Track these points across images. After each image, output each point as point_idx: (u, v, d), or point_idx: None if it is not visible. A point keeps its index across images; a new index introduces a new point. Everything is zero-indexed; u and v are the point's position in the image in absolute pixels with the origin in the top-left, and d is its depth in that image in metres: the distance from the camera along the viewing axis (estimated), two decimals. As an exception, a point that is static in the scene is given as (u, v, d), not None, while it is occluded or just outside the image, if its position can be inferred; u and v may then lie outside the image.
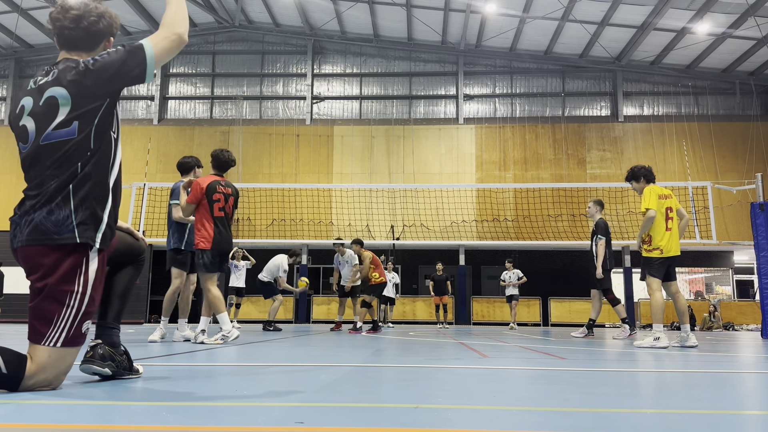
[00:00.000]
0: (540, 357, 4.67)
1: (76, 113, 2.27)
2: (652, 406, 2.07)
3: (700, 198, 13.95)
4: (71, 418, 1.73)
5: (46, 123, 2.30)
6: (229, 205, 5.78)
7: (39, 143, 2.35)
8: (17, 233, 2.31)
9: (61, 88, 2.28)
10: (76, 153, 2.28)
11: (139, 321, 19.04)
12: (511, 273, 14.44)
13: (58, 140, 2.29)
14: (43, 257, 2.22)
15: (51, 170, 2.31)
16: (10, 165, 20.91)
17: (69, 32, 2.41)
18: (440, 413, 1.88)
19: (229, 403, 2.02)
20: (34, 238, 2.23)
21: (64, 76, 2.30)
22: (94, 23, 2.41)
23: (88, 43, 2.44)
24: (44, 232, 2.22)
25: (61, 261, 2.21)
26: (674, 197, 6.60)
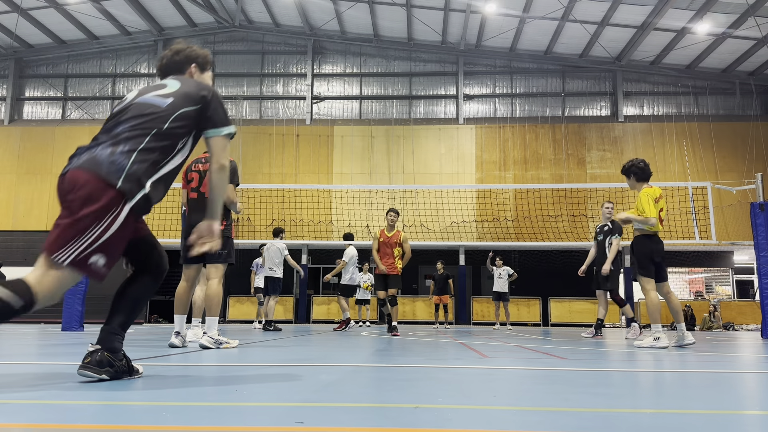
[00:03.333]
0: (540, 357, 4.67)
1: (175, 95, 2.67)
2: (652, 406, 2.07)
3: (700, 198, 13.96)
4: (71, 418, 1.73)
5: (149, 91, 2.71)
6: (205, 183, 5.11)
7: (133, 102, 2.66)
8: (73, 161, 2.54)
9: (177, 82, 2.76)
10: (155, 121, 2.56)
11: (139, 321, 19.03)
12: (500, 270, 14.32)
13: (148, 102, 2.62)
14: (85, 184, 2.44)
15: (128, 125, 2.55)
16: (10, 165, 20.91)
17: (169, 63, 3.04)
18: (440, 413, 1.88)
19: (229, 403, 2.02)
20: (87, 166, 2.46)
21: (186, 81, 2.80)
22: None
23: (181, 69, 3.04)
24: (99, 164, 2.44)
25: (99, 195, 2.41)
26: (664, 197, 6.53)
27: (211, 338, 5.06)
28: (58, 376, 2.85)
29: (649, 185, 6.51)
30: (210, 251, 2.71)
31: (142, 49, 22.27)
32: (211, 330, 5.12)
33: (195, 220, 5.22)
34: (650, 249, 6.27)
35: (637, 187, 6.56)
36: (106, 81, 22.23)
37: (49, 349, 5.21)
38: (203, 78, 3.06)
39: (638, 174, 6.51)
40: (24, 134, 21.29)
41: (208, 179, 2.74)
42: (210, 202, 2.72)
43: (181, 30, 21.92)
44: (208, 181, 2.74)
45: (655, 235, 6.36)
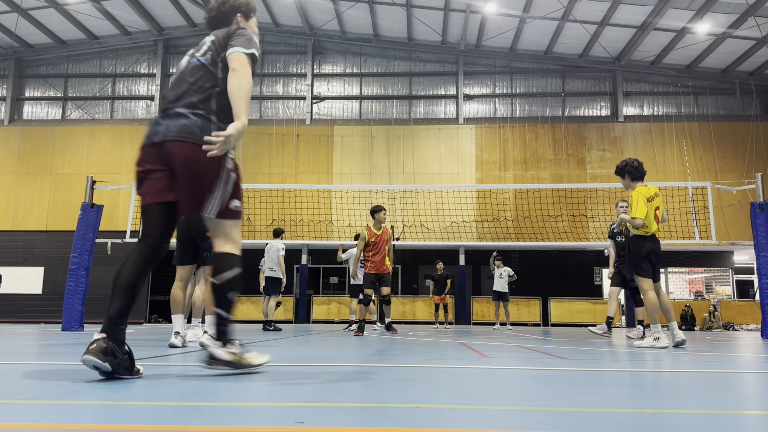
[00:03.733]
0: (540, 357, 4.67)
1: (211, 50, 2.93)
2: (652, 406, 2.07)
3: (700, 198, 13.96)
4: (71, 418, 1.73)
5: (195, 53, 2.99)
6: None
7: (186, 67, 2.95)
8: (160, 131, 2.73)
9: (211, 35, 3.00)
10: (209, 77, 2.86)
11: (139, 321, 19.04)
12: (501, 270, 14.30)
13: (197, 64, 2.91)
14: (190, 153, 2.68)
15: (191, 89, 2.84)
16: (10, 165, 20.91)
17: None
18: (440, 413, 1.88)
19: (229, 403, 2.02)
20: (184, 136, 2.69)
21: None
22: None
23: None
24: (192, 132, 2.70)
25: (211, 162, 2.69)
26: (660, 195, 6.48)
27: (212, 337, 5.08)
28: (58, 376, 2.85)
29: (644, 184, 6.49)
30: (219, 152, 2.65)
31: (142, 49, 22.27)
32: (212, 329, 5.13)
33: (186, 224, 5.26)
34: (647, 249, 6.25)
35: (632, 187, 6.53)
36: (106, 81, 22.23)
37: (49, 349, 5.21)
38: (248, 25, 3.19)
39: (632, 173, 6.50)
40: (24, 134, 21.29)
41: (229, 81, 2.79)
42: (232, 100, 2.76)
43: (181, 30, 21.92)
44: (229, 84, 2.79)
45: (652, 235, 6.34)
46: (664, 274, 21.99)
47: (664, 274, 22.04)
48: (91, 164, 20.41)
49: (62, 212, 19.94)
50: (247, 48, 2.84)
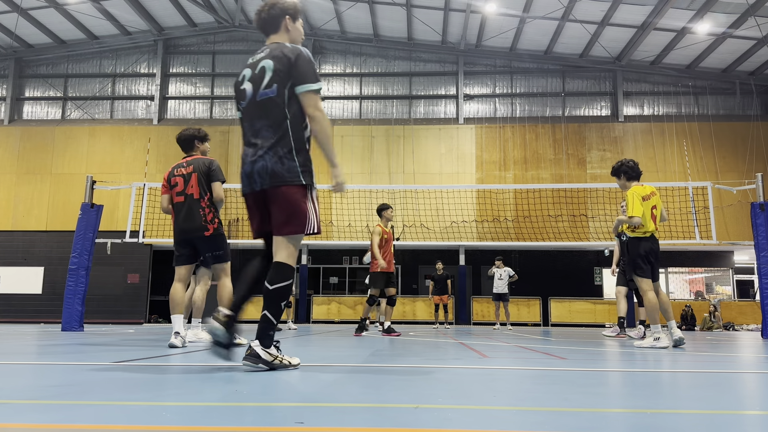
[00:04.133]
0: (540, 357, 4.67)
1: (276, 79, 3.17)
2: (652, 406, 2.07)
3: (700, 198, 13.95)
4: (71, 418, 1.73)
5: (258, 82, 3.22)
6: (191, 185, 5.30)
7: (253, 100, 3.24)
8: (255, 179, 3.18)
9: (270, 61, 3.21)
10: (281, 113, 3.16)
11: (138, 321, 19.05)
12: (501, 271, 14.31)
13: (265, 99, 3.18)
14: (284, 194, 3.15)
15: (266, 126, 3.19)
16: (10, 165, 20.91)
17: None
18: (440, 413, 1.88)
19: (229, 403, 2.02)
20: (278, 182, 3.14)
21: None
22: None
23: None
24: (281, 176, 3.13)
25: (296, 195, 3.17)
26: (658, 194, 6.50)
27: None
28: (58, 376, 2.85)
29: (639, 184, 6.52)
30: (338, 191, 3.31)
31: (142, 49, 22.27)
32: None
33: (184, 225, 5.29)
34: (645, 249, 6.26)
35: (627, 187, 6.55)
36: (106, 81, 22.23)
37: (49, 349, 5.21)
38: (295, 27, 3.43)
39: (628, 173, 6.54)
40: (24, 134, 21.29)
41: (313, 130, 3.21)
42: (322, 149, 3.24)
43: (181, 30, 21.92)
44: (313, 132, 3.21)
45: (651, 235, 6.33)
46: (664, 274, 21.99)
47: (665, 274, 22.03)
48: (90, 164, 20.41)
49: (62, 212, 19.94)
50: (315, 81, 3.17)
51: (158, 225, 14.86)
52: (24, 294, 19.69)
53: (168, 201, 5.47)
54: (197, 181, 5.33)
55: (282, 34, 3.38)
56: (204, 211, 5.32)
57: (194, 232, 5.29)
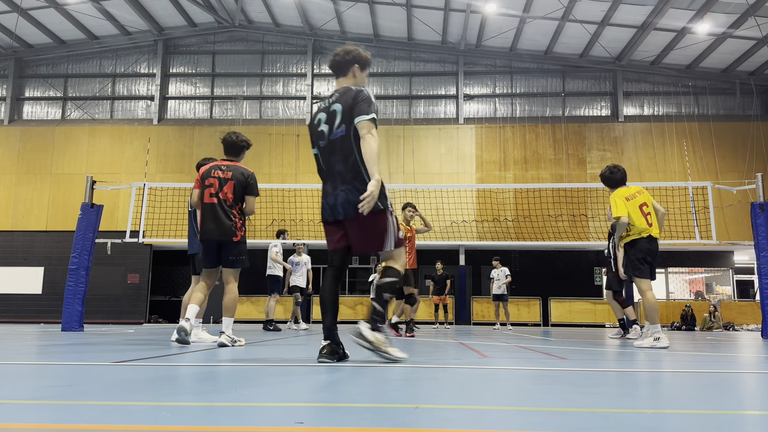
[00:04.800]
0: (540, 357, 4.67)
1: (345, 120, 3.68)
2: (652, 406, 2.07)
3: (700, 198, 13.94)
4: (71, 418, 1.73)
5: (332, 122, 3.74)
6: (225, 191, 5.35)
7: (330, 140, 3.75)
8: (339, 209, 3.67)
9: (339, 105, 3.73)
10: (350, 150, 3.64)
11: (138, 321, 19.05)
12: (499, 271, 14.35)
13: (338, 139, 3.70)
14: (373, 221, 3.62)
15: (343, 164, 3.68)
16: (10, 165, 20.90)
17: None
18: (440, 413, 1.88)
19: (229, 403, 2.02)
20: (357, 213, 3.53)
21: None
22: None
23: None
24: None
25: (383, 220, 3.67)
26: (645, 192, 6.47)
27: (229, 337, 5.37)
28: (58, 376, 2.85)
29: (625, 186, 6.55)
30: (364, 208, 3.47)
31: (142, 49, 22.27)
32: (228, 329, 5.42)
33: (213, 226, 5.34)
34: (643, 250, 6.24)
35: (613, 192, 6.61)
36: (106, 81, 22.22)
37: (49, 348, 5.21)
38: (362, 75, 3.90)
39: (607, 181, 6.63)
40: (24, 134, 21.29)
41: (362, 149, 3.58)
42: (366, 164, 3.58)
43: (181, 30, 21.92)
44: (362, 150, 3.59)
45: (648, 236, 6.29)
46: (664, 275, 21.99)
47: (665, 275, 22.03)
48: (90, 164, 20.40)
49: (62, 212, 19.94)
50: (369, 113, 3.60)
51: (158, 225, 14.85)
52: (24, 294, 19.68)
53: (198, 196, 5.50)
54: (232, 189, 5.39)
55: (349, 78, 3.87)
56: (235, 218, 5.42)
57: (223, 236, 5.36)
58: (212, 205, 5.39)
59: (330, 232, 3.82)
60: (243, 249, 5.50)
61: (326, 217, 3.78)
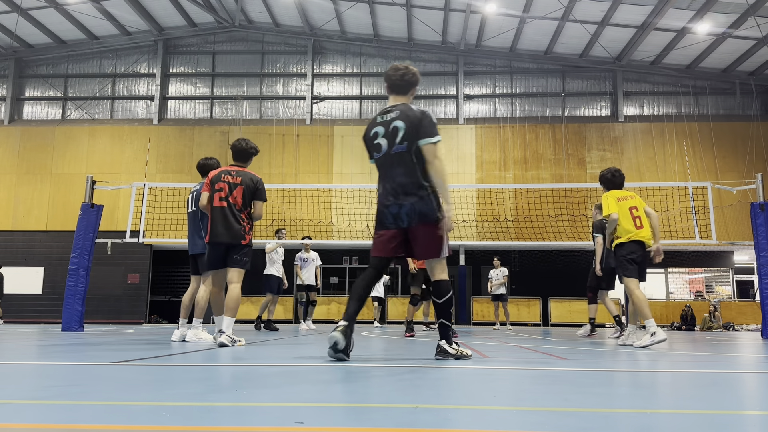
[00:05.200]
0: (540, 357, 4.67)
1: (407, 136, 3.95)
2: (652, 406, 2.07)
3: (700, 198, 13.94)
4: (71, 418, 1.73)
5: (393, 138, 3.98)
6: (234, 195, 5.51)
7: (389, 153, 3.99)
8: (404, 218, 3.91)
9: (402, 123, 3.97)
10: (412, 162, 3.91)
11: (138, 321, 19.05)
12: (498, 271, 14.37)
13: (399, 152, 3.95)
14: (429, 229, 3.91)
15: (403, 174, 3.95)
16: (10, 165, 20.90)
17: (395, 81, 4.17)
18: (440, 413, 1.88)
19: (229, 403, 2.02)
20: (424, 220, 3.88)
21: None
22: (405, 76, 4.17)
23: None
24: (425, 215, 3.87)
25: (437, 229, 3.92)
26: (637, 197, 6.61)
27: (229, 337, 5.40)
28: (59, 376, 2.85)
29: (619, 190, 6.70)
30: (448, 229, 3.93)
31: (142, 49, 22.27)
32: (229, 329, 5.45)
33: (222, 230, 5.48)
34: (629, 250, 6.37)
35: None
36: (106, 81, 22.23)
37: (49, 349, 5.21)
38: (414, 94, 4.26)
39: (606, 183, 6.76)
40: (24, 134, 21.29)
41: (431, 174, 3.89)
42: (438, 189, 3.93)
43: (181, 30, 21.92)
44: (431, 176, 3.90)
45: (634, 240, 6.37)
46: (664, 275, 22.00)
47: (665, 275, 22.03)
48: (91, 164, 20.40)
49: (62, 212, 19.94)
50: (434, 136, 3.90)
51: (158, 225, 14.86)
52: (24, 294, 19.68)
53: (206, 199, 5.64)
54: (242, 194, 5.56)
55: (408, 97, 4.19)
56: (243, 222, 5.57)
57: (232, 238, 5.50)
58: (222, 208, 5.53)
59: (384, 239, 4.00)
60: (249, 251, 5.64)
61: (387, 224, 3.97)
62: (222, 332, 5.41)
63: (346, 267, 21.89)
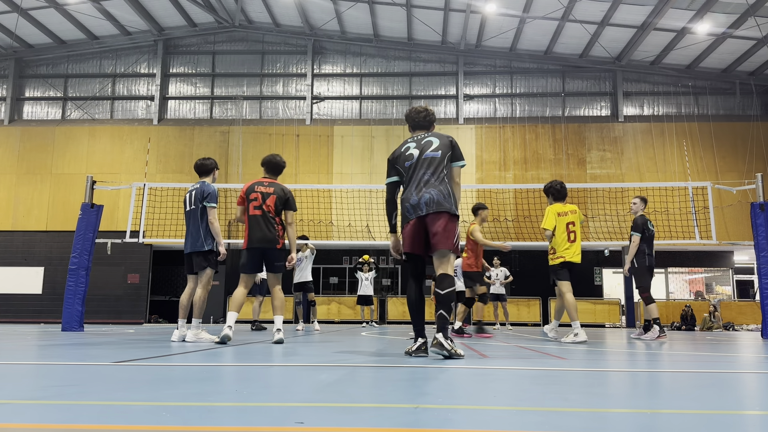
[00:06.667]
0: (540, 357, 4.67)
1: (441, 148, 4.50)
2: (652, 406, 2.07)
3: (700, 198, 13.94)
4: (71, 418, 1.73)
5: (426, 148, 4.49)
6: (268, 203, 6.01)
7: (421, 158, 4.46)
8: (422, 206, 4.27)
9: (437, 139, 4.54)
10: (440, 166, 4.41)
11: (138, 321, 19.05)
12: (498, 270, 14.35)
13: (431, 157, 4.44)
14: (447, 220, 4.26)
15: (430, 173, 4.40)
16: (10, 165, 20.90)
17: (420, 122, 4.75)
18: (440, 413, 1.88)
19: (229, 403, 2.02)
20: (442, 209, 4.25)
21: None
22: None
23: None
24: (442, 204, 4.25)
25: (453, 221, 4.31)
26: (578, 212, 7.43)
27: (281, 330, 6.00)
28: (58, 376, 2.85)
29: (562, 203, 7.53)
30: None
31: (142, 49, 22.27)
32: (280, 324, 6.02)
33: (261, 235, 5.96)
34: (559, 263, 7.26)
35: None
36: (106, 81, 22.23)
37: (49, 349, 5.21)
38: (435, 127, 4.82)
39: (555, 195, 7.56)
40: (24, 134, 21.29)
41: (454, 190, 4.40)
42: (456, 201, 4.39)
43: (181, 30, 21.92)
44: (454, 190, 4.39)
45: (566, 262, 7.19)
46: (664, 274, 22.05)
47: (664, 275, 22.06)
48: (91, 164, 20.40)
49: (62, 212, 19.94)
50: (463, 160, 4.51)
51: (158, 225, 14.86)
52: (24, 294, 19.68)
53: (242, 212, 6.13)
54: (274, 202, 6.07)
55: (429, 130, 4.72)
56: (277, 228, 6.07)
57: (269, 243, 5.98)
58: (257, 216, 6.03)
59: (409, 233, 4.37)
60: (284, 256, 6.13)
61: (408, 216, 4.34)
62: (279, 330, 5.93)
63: (346, 267, 21.88)
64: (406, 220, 4.39)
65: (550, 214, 7.31)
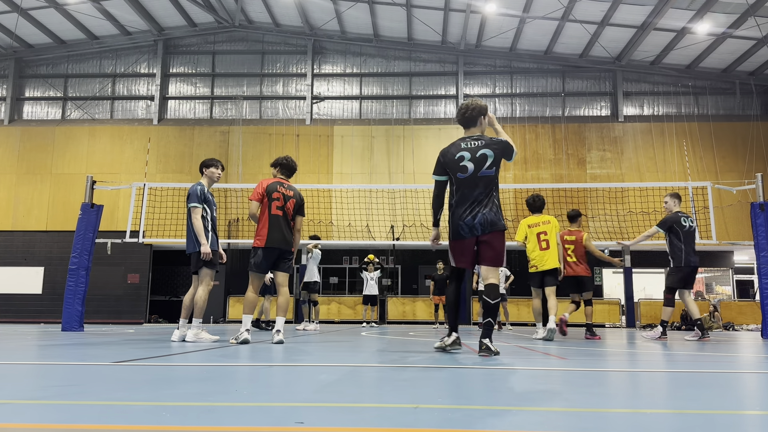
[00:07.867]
0: (540, 357, 4.67)
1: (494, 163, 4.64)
2: (652, 406, 2.07)
3: (700, 198, 13.95)
4: (71, 418, 1.73)
5: (481, 164, 4.60)
6: (288, 206, 6.11)
7: (478, 176, 4.60)
8: (477, 227, 4.53)
9: (490, 151, 4.63)
10: (494, 184, 4.63)
11: (138, 321, 19.05)
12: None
13: (486, 176, 4.60)
14: (500, 236, 4.58)
15: (485, 193, 4.59)
16: (10, 165, 20.90)
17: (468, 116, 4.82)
18: (440, 413, 1.88)
19: (230, 403, 2.02)
20: (497, 228, 4.55)
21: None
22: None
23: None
24: (496, 223, 4.54)
25: (503, 237, 4.61)
26: (552, 223, 8.00)
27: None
28: (58, 376, 2.85)
29: (536, 215, 8.14)
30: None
31: (142, 49, 22.27)
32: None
33: (280, 236, 6.01)
34: (534, 274, 8.13)
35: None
36: (106, 81, 22.23)
37: (49, 349, 5.21)
38: (485, 122, 4.81)
39: (529, 207, 8.23)
40: (24, 134, 21.29)
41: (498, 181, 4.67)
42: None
43: (181, 30, 21.92)
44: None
45: (540, 270, 8.00)
46: (664, 275, 22.04)
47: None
48: (91, 164, 20.40)
49: (62, 212, 19.94)
50: (514, 153, 4.70)
51: (158, 225, 14.85)
52: (24, 294, 19.68)
53: (257, 208, 6.14)
54: (293, 206, 6.19)
55: (478, 127, 4.77)
56: (292, 231, 6.21)
57: (288, 245, 6.09)
58: (278, 217, 6.07)
59: (461, 250, 4.62)
60: (293, 257, 6.29)
61: (464, 234, 4.55)
62: (279, 331, 5.93)
63: (346, 267, 21.88)
64: (459, 236, 4.59)
65: (521, 226, 8.12)
